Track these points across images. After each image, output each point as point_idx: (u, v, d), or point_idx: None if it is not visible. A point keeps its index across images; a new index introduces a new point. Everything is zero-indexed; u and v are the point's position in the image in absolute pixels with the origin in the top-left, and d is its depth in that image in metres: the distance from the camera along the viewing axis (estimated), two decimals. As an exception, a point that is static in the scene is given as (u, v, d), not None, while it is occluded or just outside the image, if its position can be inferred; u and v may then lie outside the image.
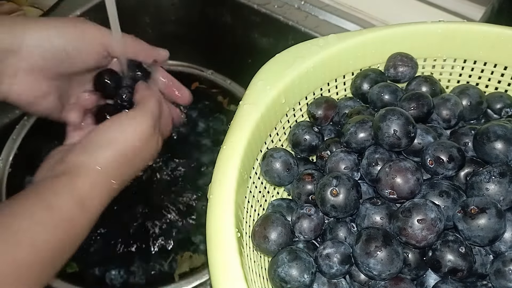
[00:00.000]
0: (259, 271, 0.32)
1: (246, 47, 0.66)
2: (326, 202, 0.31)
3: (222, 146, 0.31)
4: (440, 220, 0.28)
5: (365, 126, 0.34)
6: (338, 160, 0.34)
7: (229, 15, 0.66)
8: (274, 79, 0.35)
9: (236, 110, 0.34)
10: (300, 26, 0.58)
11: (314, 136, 0.37)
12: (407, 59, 0.38)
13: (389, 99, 0.36)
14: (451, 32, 0.37)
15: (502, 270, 0.28)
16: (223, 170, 0.30)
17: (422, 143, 0.33)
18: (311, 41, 0.38)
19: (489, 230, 0.28)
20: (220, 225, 0.28)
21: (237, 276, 0.26)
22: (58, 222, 0.35)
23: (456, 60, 0.39)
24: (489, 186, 0.29)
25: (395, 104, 0.36)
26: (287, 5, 0.60)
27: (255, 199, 0.34)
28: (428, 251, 0.29)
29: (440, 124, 0.36)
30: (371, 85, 0.38)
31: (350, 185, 0.31)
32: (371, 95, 0.37)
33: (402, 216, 0.29)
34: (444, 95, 0.36)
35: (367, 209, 0.31)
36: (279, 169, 0.34)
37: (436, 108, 0.36)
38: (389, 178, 0.30)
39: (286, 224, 0.32)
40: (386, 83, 0.38)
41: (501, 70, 0.38)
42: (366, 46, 0.38)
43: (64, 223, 0.35)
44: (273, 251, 0.31)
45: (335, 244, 0.30)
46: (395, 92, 0.37)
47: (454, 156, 0.31)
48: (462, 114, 0.36)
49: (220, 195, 0.29)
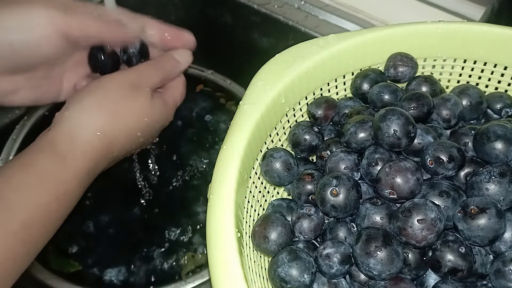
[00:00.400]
0: (259, 271, 0.32)
1: (246, 47, 0.66)
2: (326, 202, 0.31)
3: (222, 146, 0.31)
4: (440, 220, 0.28)
5: (365, 126, 0.34)
6: (338, 160, 0.34)
7: (229, 15, 0.66)
8: (274, 79, 0.35)
9: (236, 110, 0.34)
10: (300, 26, 0.58)
11: (314, 136, 0.37)
12: (407, 59, 0.38)
13: (389, 99, 0.36)
14: (451, 32, 0.37)
15: (502, 270, 0.28)
16: (223, 170, 0.30)
17: (422, 143, 0.33)
18: (311, 41, 0.38)
19: (489, 230, 0.28)
20: (220, 225, 0.28)
21: (237, 276, 0.26)
22: (35, 181, 0.33)
23: (456, 60, 0.39)
24: (489, 186, 0.29)
25: (395, 104, 0.36)
26: (287, 5, 0.60)
27: (255, 199, 0.34)
28: (428, 251, 0.29)
29: (440, 124, 0.36)
30: (371, 85, 0.38)
31: (350, 185, 0.31)
32: (371, 95, 0.37)
33: (402, 216, 0.29)
34: (444, 95, 0.36)
35: (367, 209, 0.31)
36: (279, 169, 0.34)
37: (436, 108, 0.36)
38: (389, 178, 0.30)
39: (286, 224, 0.32)
40: (386, 83, 0.38)
41: (501, 70, 0.38)
42: (366, 46, 0.38)
43: (43, 181, 0.33)
44: (273, 251, 0.31)
45: (335, 244, 0.30)
46: (395, 92, 0.37)
47: (454, 156, 0.31)
48: (462, 114, 0.36)
49: (220, 195, 0.29)
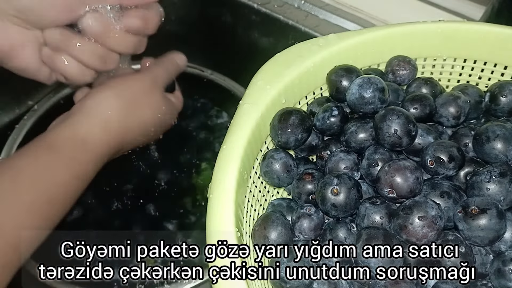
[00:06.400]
0: (259, 271, 0.32)
1: (246, 47, 0.66)
2: (326, 201, 0.31)
3: (222, 146, 0.31)
4: (441, 218, 0.28)
5: (366, 126, 0.34)
6: (338, 160, 0.34)
7: (229, 15, 0.66)
8: (274, 78, 0.35)
9: (236, 110, 0.34)
10: (300, 26, 0.58)
11: (314, 136, 0.37)
12: (404, 62, 0.38)
13: (390, 98, 0.36)
14: (451, 31, 0.37)
15: (502, 270, 0.28)
16: (223, 170, 0.30)
17: (422, 143, 0.33)
18: (311, 41, 0.38)
19: (489, 231, 0.28)
20: (220, 224, 0.28)
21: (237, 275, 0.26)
22: (59, 161, 0.36)
23: (456, 60, 0.39)
24: (490, 186, 0.29)
25: (397, 103, 0.36)
26: (287, 4, 0.60)
27: (255, 199, 0.34)
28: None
29: (450, 121, 0.36)
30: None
31: (351, 185, 0.31)
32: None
33: (402, 214, 0.29)
34: (453, 93, 0.36)
35: (367, 208, 0.31)
36: (279, 170, 0.34)
37: (446, 105, 0.35)
38: (388, 177, 0.30)
39: (286, 223, 0.32)
40: (387, 82, 0.38)
41: (501, 69, 0.38)
42: (366, 46, 0.38)
43: (66, 161, 0.36)
44: (273, 250, 0.31)
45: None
46: (396, 91, 0.37)
47: (455, 155, 0.31)
48: (469, 111, 0.36)
49: (220, 195, 0.29)
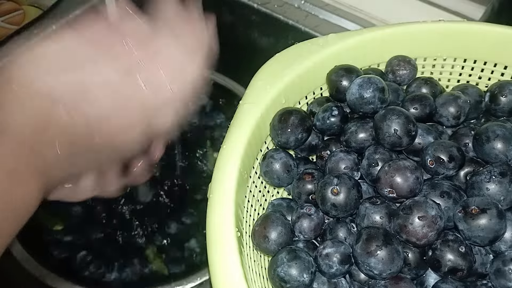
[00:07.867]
0: (259, 271, 0.32)
1: (246, 46, 0.66)
2: (326, 201, 0.31)
3: (222, 146, 0.31)
4: (441, 217, 0.28)
5: (366, 126, 0.34)
6: (338, 160, 0.34)
7: (229, 15, 0.65)
8: (274, 78, 0.35)
9: (236, 110, 0.34)
10: (300, 26, 0.58)
11: (314, 136, 0.37)
12: (404, 62, 0.38)
13: (391, 98, 0.36)
14: (451, 31, 0.37)
15: (502, 270, 0.28)
16: (223, 170, 0.30)
17: (422, 143, 0.33)
18: (311, 41, 0.38)
19: (489, 231, 0.28)
20: (220, 224, 0.28)
21: (237, 275, 0.26)
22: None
23: (456, 60, 0.39)
24: (490, 186, 0.29)
25: (397, 103, 0.36)
26: (287, 4, 0.60)
27: (255, 199, 0.34)
28: (428, 251, 0.29)
29: (450, 121, 0.36)
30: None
31: (351, 185, 0.31)
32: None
33: (402, 213, 0.29)
34: (453, 92, 0.36)
35: (367, 208, 0.31)
36: (279, 170, 0.34)
37: (447, 105, 0.35)
38: (388, 177, 0.30)
39: (286, 223, 0.32)
40: (387, 82, 0.38)
41: (501, 69, 0.38)
42: (366, 46, 0.38)
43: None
44: (273, 250, 0.31)
45: (335, 244, 0.30)
46: (396, 91, 0.37)
47: (454, 155, 0.31)
48: (469, 111, 0.36)
49: (220, 195, 0.29)
